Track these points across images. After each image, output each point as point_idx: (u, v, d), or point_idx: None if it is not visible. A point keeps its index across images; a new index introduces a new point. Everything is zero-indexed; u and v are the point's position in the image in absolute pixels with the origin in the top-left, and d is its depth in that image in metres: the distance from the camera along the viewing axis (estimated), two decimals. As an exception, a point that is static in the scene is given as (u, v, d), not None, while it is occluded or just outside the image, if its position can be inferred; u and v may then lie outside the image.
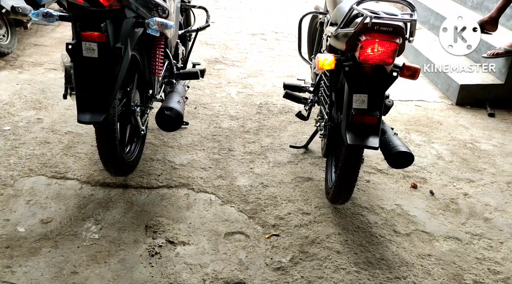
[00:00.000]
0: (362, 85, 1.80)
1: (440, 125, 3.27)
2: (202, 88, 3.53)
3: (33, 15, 1.89)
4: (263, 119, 3.19)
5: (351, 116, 1.80)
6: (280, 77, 3.94)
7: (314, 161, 2.73)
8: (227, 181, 2.48)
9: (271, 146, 2.86)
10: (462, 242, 2.17)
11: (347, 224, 2.23)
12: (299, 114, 2.64)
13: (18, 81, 3.36)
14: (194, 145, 2.79)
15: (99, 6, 1.75)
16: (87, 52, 1.80)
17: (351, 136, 1.78)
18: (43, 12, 1.86)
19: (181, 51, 2.86)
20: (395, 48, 1.67)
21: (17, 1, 3.73)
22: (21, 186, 2.27)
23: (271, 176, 2.56)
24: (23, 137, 2.67)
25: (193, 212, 2.23)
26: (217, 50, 4.46)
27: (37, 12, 1.87)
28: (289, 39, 5.01)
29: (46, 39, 4.28)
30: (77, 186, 2.32)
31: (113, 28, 1.81)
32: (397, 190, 2.52)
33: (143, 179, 2.42)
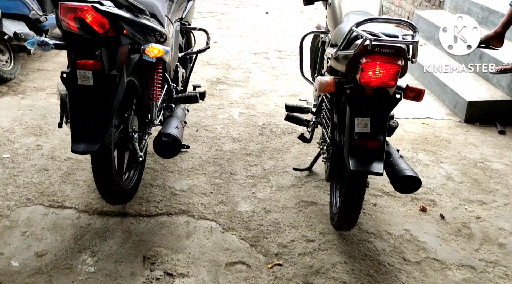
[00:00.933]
0: (364, 108, 1.73)
1: (448, 144, 3.18)
2: (203, 110, 3.49)
3: (28, 44, 1.86)
4: (266, 140, 3.12)
5: (354, 140, 1.73)
6: (283, 97, 3.89)
7: (318, 184, 2.65)
8: (228, 206, 2.41)
9: (274, 169, 2.78)
10: (476, 270, 2.05)
11: (353, 251, 2.13)
12: (301, 137, 2.57)
13: (20, 107, 3.35)
14: (195, 169, 2.73)
15: (94, 34, 1.71)
16: (82, 80, 1.77)
17: (354, 161, 1.71)
18: (38, 41, 1.83)
19: (181, 73, 2.82)
20: (397, 70, 1.61)
21: (20, 27, 3.75)
22: (17, 216, 2.21)
23: (274, 200, 2.49)
24: (22, 165, 2.63)
25: (193, 241, 2.15)
26: (219, 70, 4.43)
27: (32, 41, 1.84)
28: (292, 57, 4.98)
29: (50, 64, 4.29)
30: (74, 215, 2.26)
31: (108, 55, 1.77)
32: (406, 214, 2.42)
33: (142, 206, 2.35)
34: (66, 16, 1.67)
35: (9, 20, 3.66)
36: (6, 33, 3.59)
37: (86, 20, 1.67)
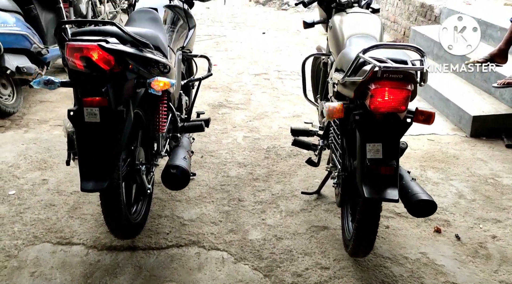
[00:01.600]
0: (375, 134, 1.71)
1: (456, 160, 3.15)
2: (207, 135, 3.47)
3: (34, 83, 1.85)
4: (272, 164, 3.10)
5: (366, 167, 1.71)
6: (286, 118, 3.88)
7: (328, 207, 2.61)
8: (239, 235, 2.37)
9: (282, 193, 2.75)
10: (496, 292, 2.01)
11: (370, 278, 2.09)
12: (309, 161, 2.55)
13: (24, 141, 3.33)
14: (203, 197, 2.69)
15: (100, 71, 1.71)
16: (89, 117, 1.75)
17: (367, 189, 1.68)
18: (44, 80, 1.82)
19: (184, 101, 2.81)
20: (407, 95, 1.60)
21: (22, 61, 3.76)
22: (25, 256, 2.17)
23: (284, 226, 2.45)
24: (28, 201, 2.59)
25: (205, 273, 2.11)
26: (220, 93, 4.44)
27: (38, 80, 1.83)
28: (292, 77, 5.00)
29: (52, 95, 4.30)
30: (83, 252, 2.21)
31: (115, 91, 1.76)
32: (420, 236, 2.38)
33: (151, 239, 2.31)
34: (72, 56, 1.67)
35: (11, 55, 3.67)
36: (8, 68, 3.60)
37: (93, 59, 1.67)
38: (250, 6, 9.52)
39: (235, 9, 9.06)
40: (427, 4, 5.36)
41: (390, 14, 6.35)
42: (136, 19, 2.38)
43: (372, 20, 2.40)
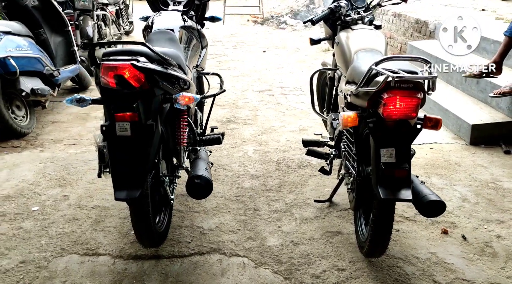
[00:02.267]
0: (388, 140, 1.85)
1: (458, 167, 3.30)
2: (219, 150, 3.60)
3: (67, 101, 1.98)
4: (283, 175, 3.22)
5: (381, 170, 1.84)
6: (293, 132, 4.02)
7: (340, 214, 2.73)
8: (257, 242, 2.48)
9: (295, 202, 2.87)
10: (505, 287, 2.13)
11: (384, 277, 2.20)
12: (322, 170, 2.68)
13: (41, 159, 3.44)
14: (220, 207, 2.81)
15: (131, 88, 1.84)
16: (121, 132, 1.88)
17: (383, 190, 1.81)
18: (76, 98, 1.95)
19: (199, 117, 2.95)
20: (417, 103, 1.75)
21: (36, 83, 3.91)
22: (55, 267, 2.27)
23: (300, 233, 2.56)
24: (51, 216, 2.70)
25: (228, 278, 2.21)
26: (227, 110, 4.59)
27: (70, 98, 1.96)
28: (295, 93, 5.17)
29: (63, 116, 4.43)
30: (110, 262, 2.31)
31: (144, 107, 1.90)
32: (429, 237, 2.50)
33: (174, 248, 2.42)
34: (106, 74, 1.81)
35: (26, 77, 3.82)
36: (24, 90, 3.74)
37: (125, 76, 1.80)
38: (249, 26, 9.79)
39: (234, 29, 9.31)
40: (421, 20, 5.59)
41: (386, 30, 6.58)
42: (154, 40, 2.53)
43: (377, 35, 2.56)
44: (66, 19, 4.59)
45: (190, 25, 2.88)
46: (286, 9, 10.41)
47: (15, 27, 3.93)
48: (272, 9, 10.80)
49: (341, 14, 2.79)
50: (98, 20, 6.06)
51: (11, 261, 2.30)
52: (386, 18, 6.63)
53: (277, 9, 10.73)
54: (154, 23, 2.77)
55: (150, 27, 2.76)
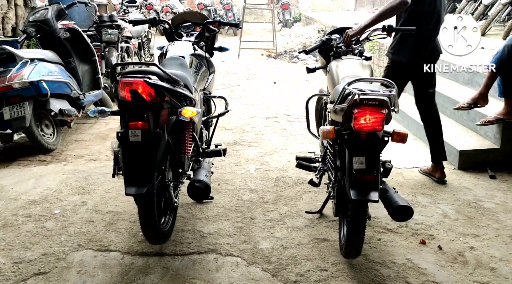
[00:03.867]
0: (359, 149, 2.16)
1: (444, 188, 3.54)
2: (223, 167, 3.93)
3: (90, 112, 2.38)
4: (280, 190, 3.52)
5: (353, 175, 2.14)
6: (294, 154, 4.32)
7: (328, 224, 3.00)
8: (250, 245, 2.76)
9: (288, 213, 3.15)
10: (472, 289, 2.34)
11: (362, 277, 2.44)
12: (311, 182, 2.97)
13: (64, 172, 3.83)
14: (220, 215, 3.11)
15: (143, 101, 2.22)
16: (133, 138, 2.24)
17: (354, 192, 2.11)
18: (98, 110, 2.34)
19: (204, 135, 3.31)
20: (382, 118, 2.06)
21: (63, 105, 4.37)
22: (72, 259, 2.59)
23: (290, 238, 2.83)
24: (71, 218, 3.04)
25: (222, 273, 2.48)
26: (235, 133, 4.95)
27: (93, 110, 2.36)
28: (300, 120, 5.51)
29: (85, 135, 4.86)
30: (119, 256, 2.62)
31: (154, 117, 2.26)
32: (407, 246, 2.74)
33: (176, 247, 2.71)
34: (123, 89, 2.19)
35: (55, 99, 4.29)
36: (53, 110, 4.19)
37: (138, 91, 2.18)
38: (262, 60, 10.31)
39: (249, 62, 9.84)
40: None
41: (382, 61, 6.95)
42: (167, 64, 2.93)
43: (363, 64, 2.92)
44: (93, 50, 5.11)
45: (200, 53, 3.29)
46: (299, 44, 10.93)
47: (48, 55, 4.44)
48: (285, 45, 11.36)
49: (333, 46, 3.17)
50: (122, 52, 6.61)
51: (34, 253, 2.63)
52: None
53: (290, 45, 11.28)
54: (168, 51, 3.19)
55: (164, 54, 3.18)
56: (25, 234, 2.84)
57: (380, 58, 7.34)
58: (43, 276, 2.44)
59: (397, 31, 3.13)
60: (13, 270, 2.48)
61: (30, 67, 4.06)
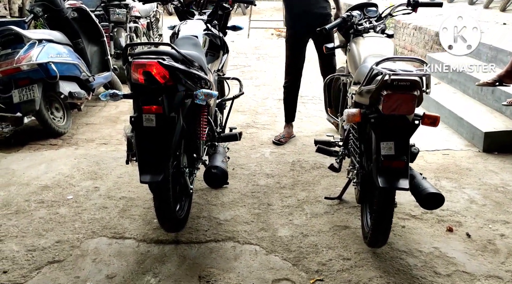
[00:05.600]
0: (387, 134, 2.02)
1: (469, 172, 3.39)
2: (238, 151, 3.82)
3: (102, 96, 2.26)
4: (297, 175, 3.40)
5: (381, 162, 2.01)
6: (309, 137, 4.20)
7: (349, 210, 2.88)
8: (269, 232, 2.66)
9: (307, 199, 3.04)
10: (504, 280, 2.23)
11: (387, 267, 2.34)
12: (331, 167, 2.85)
13: (75, 156, 3.75)
14: (236, 202, 3.01)
15: (157, 84, 2.09)
16: (147, 122, 2.12)
17: (382, 180, 1.98)
18: (110, 93, 2.22)
19: (219, 118, 3.19)
20: (414, 100, 1.91)
21: (73, 87, 4.25)
22: (86, 246, 2.52)
23: (309, 226, 2.73)
24: (84, 204, 2.96)
25: (241, 262, 2.40)
26: (247, 116, 4.81)
27: (105, 93, 2.24)
28: (313, 101, 5.35)
29: (96, 118, 4.76)
30: (134, 244, 2.54)
31: (168, 101, 2.14)
32: (433, 234, 2.62)
33: (192, 235, 2.63)
34: (136, 71, 2.06)
35: (64, 81, 4.17)
36: (62, 92, 4.08)
37: (152, 73, 2.05)
38: (272, 39, 10.06)
39: (258, 42, 9.61)
40: (440, 32, 5.70)
41: (407, 43, 6.71)
42: (180, 45, 2.78)
43: (385, 42, 2.75)
44: (102, 31, 4.96)
45: (213, 33, 3.14)
46: (310, 23, 10.66)
47: (56, 36, 4.30)
48: (297, 24, 11.07)
49: (354, 23, 2.99)
50: (131, 32, 6.45)
51: (48, 241, 2.56)
52: (407, 32, 6.77)
53: (302, 24, 11.00)
54: (180, 31, 3.04)
55: (176, 34, 3.03)
56: (38, 220, 2.77)
57: (396, 36, 7.09)
58: (58, 264, 2.37)
59: (423, 5, 2.94)
60: (27, 258, 2.41)
61: (38, 49, 3.94)
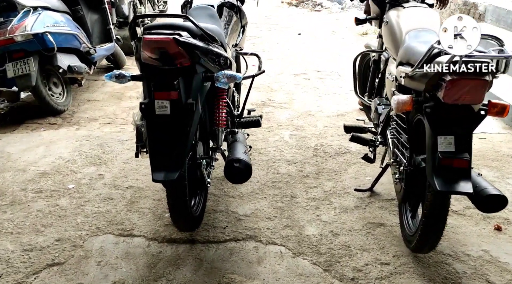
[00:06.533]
0: (447, 127, 1.69)
1: (511, 159, 3.07)
2: (254, 133, 3.50)
3: (106, 77, 1.91)
4: (321, 162, 3.09)
5: (438, 160, 1.69)
6: (330, 117, 3.87)
7: (382, 204, 2.59)
8: (295, 230, 2.38)
9: (334, 190, 2.74)
10: None
11: (432, 274, 2.05)
12: (365, 157, 2.54)
13: (77, 137, 3.43)
14: (255, 193, 2.71)
15: (172, 65, 1.75)
16: (160, 110, 1.79)
17: (440, 182, 1.66)
18: (115, 74, 1.88)
19: (236, 98, 2.85)
20: (485, 86, 1.57)
21: (73, 61, 3.89)
22: (90, 246, 2.24)
23: (339, 223, 2.44)
24: (87, 194, 2.67)
25: (265, 267, 2.12)
26: (262, 93, 4.46)
27: (110, 74, 1.90)
28: (332, 77, 4.98)
29: (98, 94, 4.42)
30: (144, 243, 2.27)
31: (185, 85, 1.81)
32: (480, 233, 2.33)
33: (209, 233, 2.34)
34: (147, 49, 1.71)
35: (63, 54, 3.81)
36: (60, 66, 3.73)
37: (169, 52, 1.71)
38: (283, 8, 9.55)
39: (269, 11, 9.10)
40: (470, 2, 5.25)
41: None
42: (194, 16, 2.41)
43: (431, 14, 2.37)
44: (102, -4, 4.54)
45: (230, 1, 2.75)
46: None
47: (53, 3, 3.90)
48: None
49: (391, -9, 2.60)
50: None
51: (47, 239, 2.28)
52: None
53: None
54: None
55: (189, 3, 2.65)
56: (36, 213, 2.49)
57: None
58: (58, 267, 2.10)
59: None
60: (23, 260, 2.14)
61: (33, 17, 3.56)
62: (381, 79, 2.82)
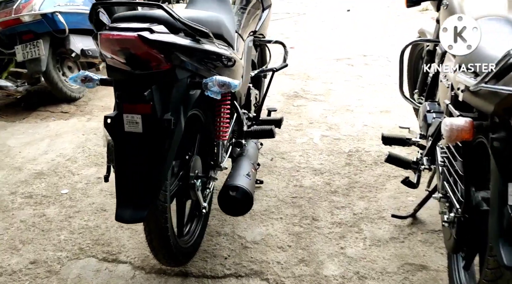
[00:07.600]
0: (524, 171, 1.15)
1: None
2: (280, 132, 3.03)
3: (70, 80, 1.55)
4: (354, 173, 2.58)
5: (508, 217, 1.15)
6: (372, 114, 3.31)
7: (426, 238, 2.06)
8: (311, 267, 1.92)
9: (366, 213, 2.24)
10: None
11: None
12: (406, 182, 2.01)
13: (85, 130, 3.14)
14: (270, 211, 2.28)
15: (144, 69, 1.32)
16: (130, 127, 1.39)
17: (509, 253, 1.13)
18: (81, 76, 1.51)
19: (253, 96, 2.39)
20: None
21: (87, 43, 3.57)
22: (67, 273, 1.92)
23: (369, 261, 1.95)
24: (79, 203, 2.36)
25: (268, 318, 1.70)
26: (296, 81, 3.95)
27: (74, 76, 1.53)
28: (380, 63, 4.35)
29: (118, 78, 4.11)
30: (129, 274, 1.91)
31: (161, 95, 1.38)
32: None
33: (207, 264, 1.95)
34: (108, 49, 1.30)
35: (76, 36, 3.49)
36: (73, 50, 3.42)
37: (135, 53, 1.28)
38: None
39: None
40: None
41: None
42: (198, 1, 1.96)
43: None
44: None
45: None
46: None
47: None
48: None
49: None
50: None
51: (21, 260, 1.99)
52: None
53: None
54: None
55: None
56: (18, 225, 2.21)
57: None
58: (27, 298, 1.80)
59: None
60: (-9, 285, 1.86)
61: (43, -5, 3.25)
62: (435, 76, 2.24)
